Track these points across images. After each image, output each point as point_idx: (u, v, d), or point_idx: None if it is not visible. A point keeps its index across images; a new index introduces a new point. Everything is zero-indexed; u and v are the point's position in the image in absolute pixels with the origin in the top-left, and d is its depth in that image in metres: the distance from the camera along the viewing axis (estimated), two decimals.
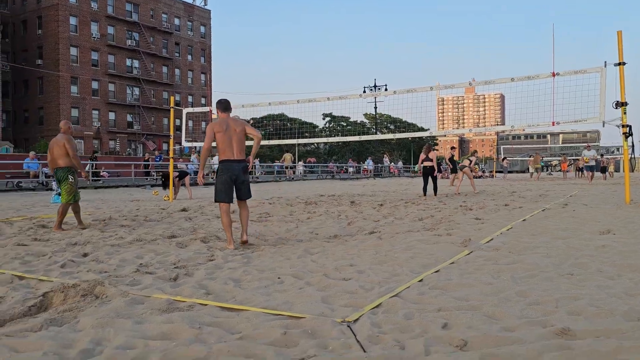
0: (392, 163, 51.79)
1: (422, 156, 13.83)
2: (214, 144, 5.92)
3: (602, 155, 38.01)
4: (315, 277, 4.18)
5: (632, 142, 10.12)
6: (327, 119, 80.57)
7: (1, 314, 3.27)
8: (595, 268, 4.25)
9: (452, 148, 20.00)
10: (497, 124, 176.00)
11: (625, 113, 9.79)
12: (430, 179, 13.87)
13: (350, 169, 42.58)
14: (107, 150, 50.11)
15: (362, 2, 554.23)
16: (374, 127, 74.00)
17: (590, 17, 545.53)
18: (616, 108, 9.80)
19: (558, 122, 10.73)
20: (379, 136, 22.62)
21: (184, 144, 16.88)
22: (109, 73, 51.54)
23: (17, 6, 50.56)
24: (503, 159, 37.66)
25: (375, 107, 50.66)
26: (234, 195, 5.88)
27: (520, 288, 3.65)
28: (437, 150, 23.24)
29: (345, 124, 79.76)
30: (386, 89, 43.82)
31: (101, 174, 28.90)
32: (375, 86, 47.01)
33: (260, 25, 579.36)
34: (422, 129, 49.62)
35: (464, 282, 3.87)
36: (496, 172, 43.46)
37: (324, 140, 50.72)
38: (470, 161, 18.29)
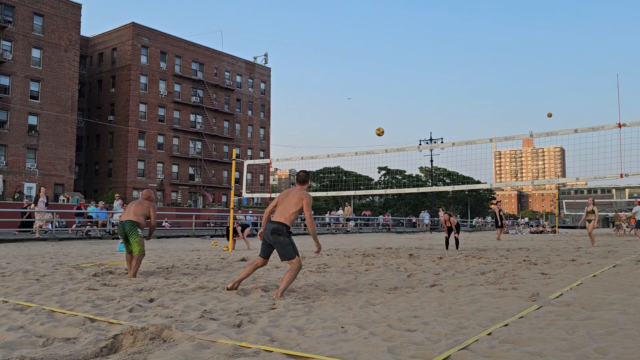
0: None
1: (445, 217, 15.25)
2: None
3: None
4: (379, 327, 4.10)
5: None
6: (383, 172, 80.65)
7: (75, 353, 3.40)
8: None
9: (497, 202, 20.28)
10: (559, 177, 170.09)
11: None
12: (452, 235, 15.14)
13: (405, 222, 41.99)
14: (170, 202, 51.88)
15: (430, 60, 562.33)
16: (429, 180, 73.25)
17: None
18: None
19: (627, 174, 10.30)
20: (435, 188, 22.29)
21: (244, 195, 17.25)
22: (174, 128, 54.08)
23: (94, 67, 54.48)
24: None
25: (432, 160, 50.26)
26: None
27: (598, 345, 3.45)
28: (499, 202, 23.14)
29: (400, 177, 79.48)
30: (442, 142, 43.52)
31: (163, 224, 29.91)
32: (431, 139, 46.86)
33: (318, 79, 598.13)
34: (479, 182, 48.78)
35: (536, 337, 3.70)
36: (558, 227, 41.66)
37: (381, 192, 50.59)
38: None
